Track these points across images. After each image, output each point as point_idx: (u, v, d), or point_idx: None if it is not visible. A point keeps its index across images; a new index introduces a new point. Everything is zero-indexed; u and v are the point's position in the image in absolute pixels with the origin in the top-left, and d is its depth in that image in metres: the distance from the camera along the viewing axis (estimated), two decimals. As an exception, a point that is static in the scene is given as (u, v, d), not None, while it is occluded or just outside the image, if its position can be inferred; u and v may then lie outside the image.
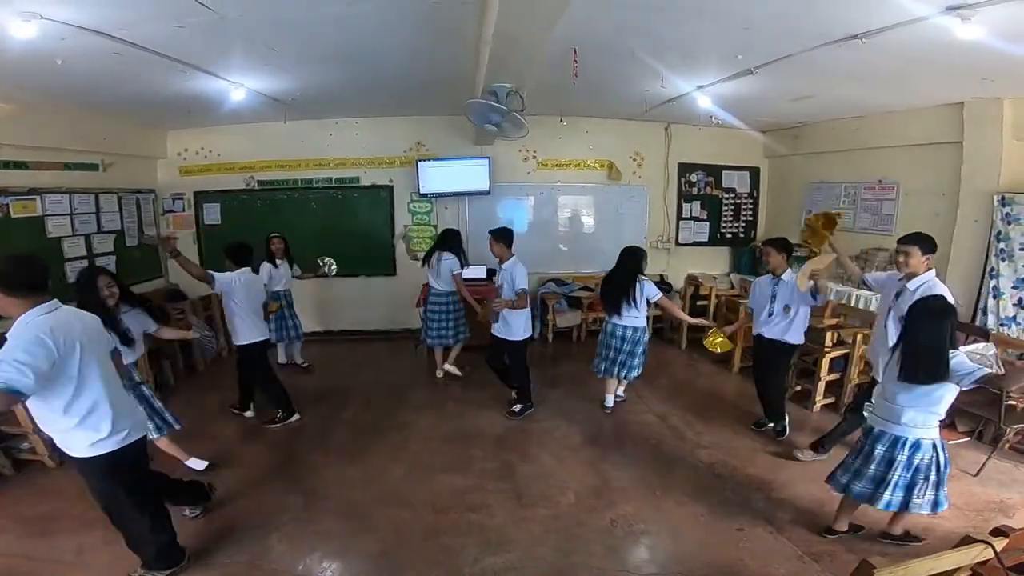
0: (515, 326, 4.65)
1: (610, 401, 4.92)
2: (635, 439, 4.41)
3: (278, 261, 5.75)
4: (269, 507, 3.44)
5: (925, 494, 2.73)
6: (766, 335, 4.25)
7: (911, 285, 3.33)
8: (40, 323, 2.20)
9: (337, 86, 5.03)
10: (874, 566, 1.71)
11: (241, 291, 4.34)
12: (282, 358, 6.19)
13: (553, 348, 6.95)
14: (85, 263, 5.69)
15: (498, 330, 4.70)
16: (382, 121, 6.95)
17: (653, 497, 3.57)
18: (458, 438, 4.45)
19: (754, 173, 7.74)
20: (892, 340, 3.09)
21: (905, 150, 5.46)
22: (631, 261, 4.53)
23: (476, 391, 5.39)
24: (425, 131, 7.07)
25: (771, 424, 4.39)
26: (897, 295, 3.44)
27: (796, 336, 4.18)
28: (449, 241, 5.59)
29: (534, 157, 7.26)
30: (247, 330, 4.43)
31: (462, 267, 5.55)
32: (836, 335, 4.86)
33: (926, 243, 3.35)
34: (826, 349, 4.75)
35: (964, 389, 2.61)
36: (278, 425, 4.62)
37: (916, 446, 2.71)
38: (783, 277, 4.15)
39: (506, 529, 3.24)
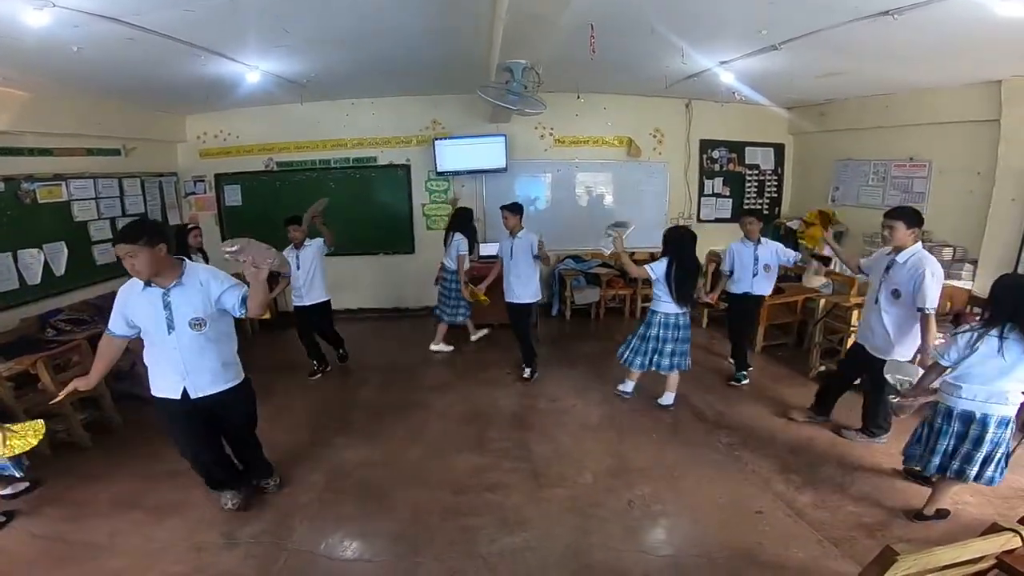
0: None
1: (630, 388, 4.71)
2: (654, 419, 4.39)
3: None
4: (291, 486, 3.52)
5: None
6: (754, 292, 4.86)
7: (900, 258, 3.48)
8: None
9: (351, 66, 4.98)
10: (897, 552, 1.67)
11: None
12: None
13: (571, 326, 6.93)
14: (111, 246, 5.82)
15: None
16: (398, 101, 6.91)
17: (671, 478, 3.57)
18: (475, 417, 4.48)
19: (778, 150, 7.55)
20: (886, 314, 3.53)
21: (938, 128, 5.27)
22: (694, 245, 4.27)
23: (494, 370, 5.42)
24: (441, 110, 7.01)
25: (743, 374, 5.02)
26: (887, 269, 3.56)
27: (768, 289, 4.94)
28: (459, 221, 5.71)
29: (551, 134, 7.16)
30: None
31: (471, 248, 5.71)
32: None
33: (911, 217, 3.45)
34: (852, 328, 4.64)
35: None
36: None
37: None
38: (761, 241, 4.81)
39: (523, 509, 3.26)
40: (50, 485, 3.57)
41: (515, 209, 4.96)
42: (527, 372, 5.17)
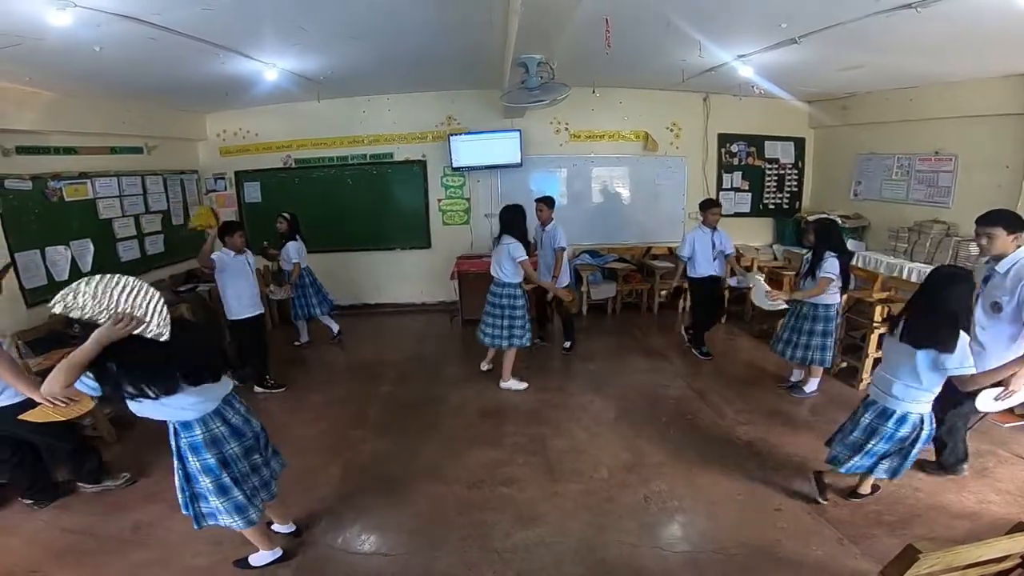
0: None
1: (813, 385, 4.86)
2: (671, 415, 4.36)
3: None
4: (308, 480, 3.56)
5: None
6: (711, 273, 5.31)
7: (1000, 267, 3.03)
8: None
9: (367, 63, 5.01)
10: (919, 551, 1.63)
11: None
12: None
13: (587, 321, 6.91)
14: (136, 243, 5.95)
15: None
16: (413, 97, 6.95)
17: (689, 474, 3.54)
18: (491, 412, 4.49)
19: (799, 143, 7.44)
20: (983, 330, 3.09)
21: (964, 121, 5.14)
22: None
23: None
24: (456, 105, 7.03)
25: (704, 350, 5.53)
26: (986, 280, 3.14)
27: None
28: (508, 223, 4.66)
29: (566, 129, 7.15)
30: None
31: (527, 251, 4.68)
32: (887, 309, 4.63)
33: (1010, 221, 2.99)
34: (875, 324, 4.54)
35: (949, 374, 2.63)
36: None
37: (902, 420, 2.82)
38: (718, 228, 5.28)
39: (538, 504, 3.27)
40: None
41: (549, 203, 5.40)
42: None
